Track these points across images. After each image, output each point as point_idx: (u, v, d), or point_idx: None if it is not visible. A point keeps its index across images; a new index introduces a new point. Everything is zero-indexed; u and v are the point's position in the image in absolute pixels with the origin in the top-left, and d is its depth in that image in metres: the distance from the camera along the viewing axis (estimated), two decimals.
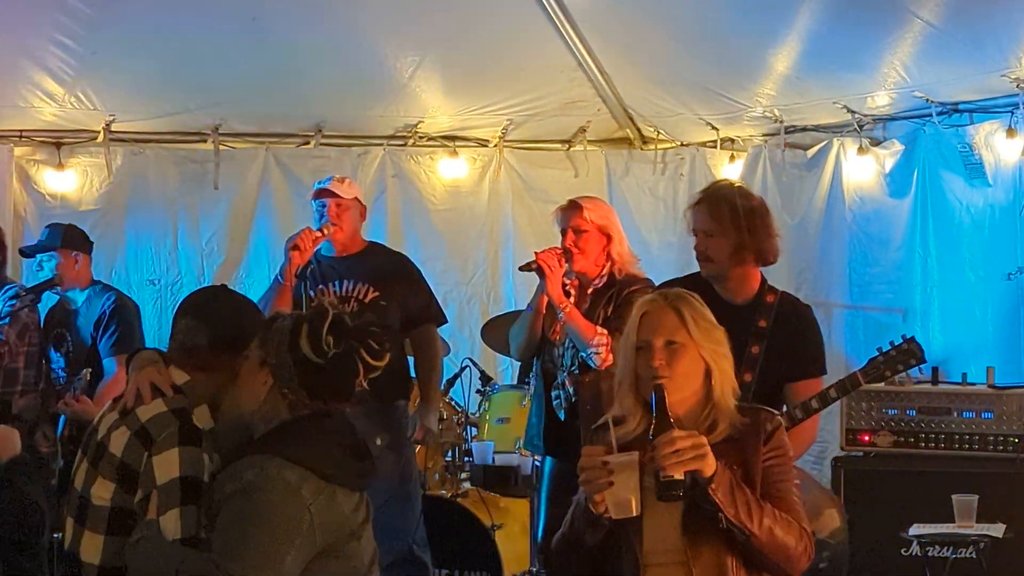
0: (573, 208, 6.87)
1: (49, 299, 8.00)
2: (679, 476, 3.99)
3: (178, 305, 4.68)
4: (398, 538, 7.14)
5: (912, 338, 5.73)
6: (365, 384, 4.23)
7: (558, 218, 6.91)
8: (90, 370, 7.39)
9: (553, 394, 6.81)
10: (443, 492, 8.21)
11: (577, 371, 6.70)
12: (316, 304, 4.42)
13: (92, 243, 8.03)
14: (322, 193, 7.29)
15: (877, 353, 5.76)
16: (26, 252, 7.99)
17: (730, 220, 5.94)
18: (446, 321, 7.58)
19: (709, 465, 4.01)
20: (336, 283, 7.25)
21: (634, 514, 4.06)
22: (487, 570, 7.94)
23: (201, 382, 4.39)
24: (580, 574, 4.37)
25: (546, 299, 6.70)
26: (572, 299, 6.75)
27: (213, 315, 4.48)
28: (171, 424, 4.25)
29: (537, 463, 7.38)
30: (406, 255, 7.72)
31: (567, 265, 6.73)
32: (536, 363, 6.98)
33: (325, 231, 7.13)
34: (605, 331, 6.52)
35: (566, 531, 4.34)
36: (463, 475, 8.65)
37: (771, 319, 5.89)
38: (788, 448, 4.25)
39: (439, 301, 7.62)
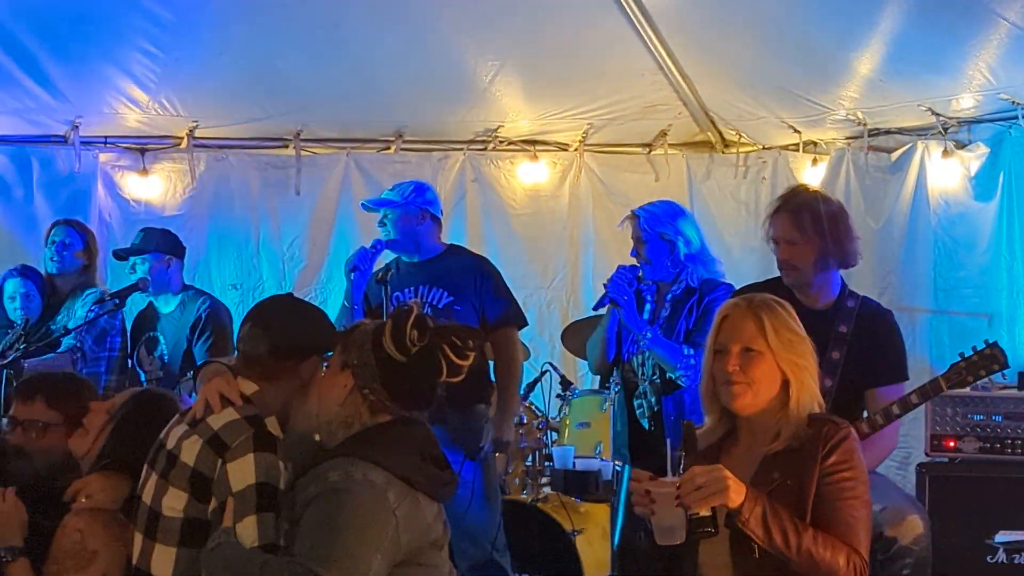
0: (631, 219, 6.90)
1: (136, 304, 8.05)
2: (705, 512, 4.00)
3: (246, 315, 4.67)
4: (478, 543, 7.15)
5: (995, 343, 5.66)
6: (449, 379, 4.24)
7: (624, 227, 6.96)
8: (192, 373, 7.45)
9: (636, 403, 6.81)
10: (524, 497, 8.19)
11: (658, 380, 6.70)
12: (400, 304, 4.43)
13: (184, 248, 8.09)
14: (375, 207, 7.46)
15: (959, 358, 5.70)
16: (120, 255, 8.03)
17: (813, 227, 5.91)
18: (526, 324, 7.55)
19: (733, 497, 3.99)
20: (411, 289, 7.28)
21: (677, 542, 4.04)
22: (567, 575, 7.92)
23: (269, 392, 4.40)
24: None
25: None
26: (652, 313, 6.76)
27: (275, 325, 4.49)
28: (245, 431, 4.27)
29: (618, 468, 7.35)
30: (486, 257, 7.71)
31: (640, 275, 6.75)
32: (616, 372, 6.98)
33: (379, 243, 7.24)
34: (691, 350, 6.51)
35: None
36: (543, 480, 8.64)
37: (852, 324, 5.85)
38: (854, 462, 4.16)
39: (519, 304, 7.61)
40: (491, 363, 7.47)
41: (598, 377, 7.82)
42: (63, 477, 4.96)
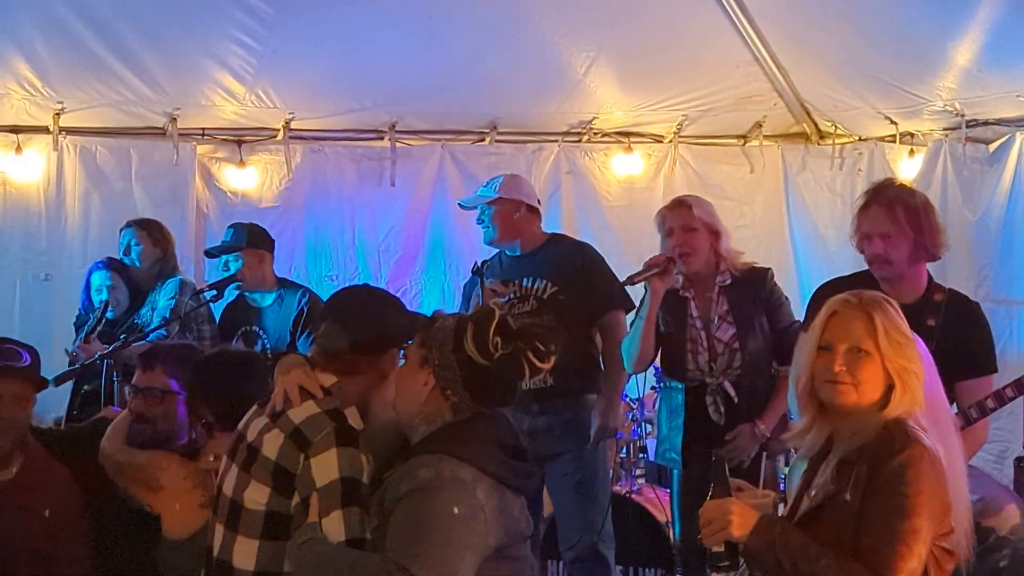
0: (681, 207, 6.83)
1: (225, 297, 8.11)
2: (717, 548, 4.00)
3: (322, 307, 4.67)
4: (583, 534, 7.16)
5: None
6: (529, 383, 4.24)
7: (663, 219, 6.84)
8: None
9: (708, 399, 6.76)
10: (618, 488, 8.20)
11: (739, 370, 6.66)
12: (483, 305, 4.41)
13: (274, 241, 8.14)
14: (471, 205, 7.49)
15: None
16: (212, 253, 8.09)
17: (907, 220, 5.87)
18: (634, 306, 7.49)
19: (736, 532, 3.96)
20: (516, 281, 7.30)
21: None
22: (661, 566, 7.93)
23: (348, 384, 4.40)
24: None
25: (657, 307, 6.67)
26: (690, 304, 6.74)
27: (353, 317, 4.47)
28: (326, 425, 4.26)
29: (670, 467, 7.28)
30: (588, 244, 7.67)
31: (679, 268, 6.69)
32: (661, 372, 6.93)
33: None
34: None
35: None
36: (637, 472, 8.65)
37: (940, 318, 5.79)
38: (908, 478, 3.87)
39: None
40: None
41: None
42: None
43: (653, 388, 8.75)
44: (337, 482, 4.17)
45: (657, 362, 6.97)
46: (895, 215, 5.87)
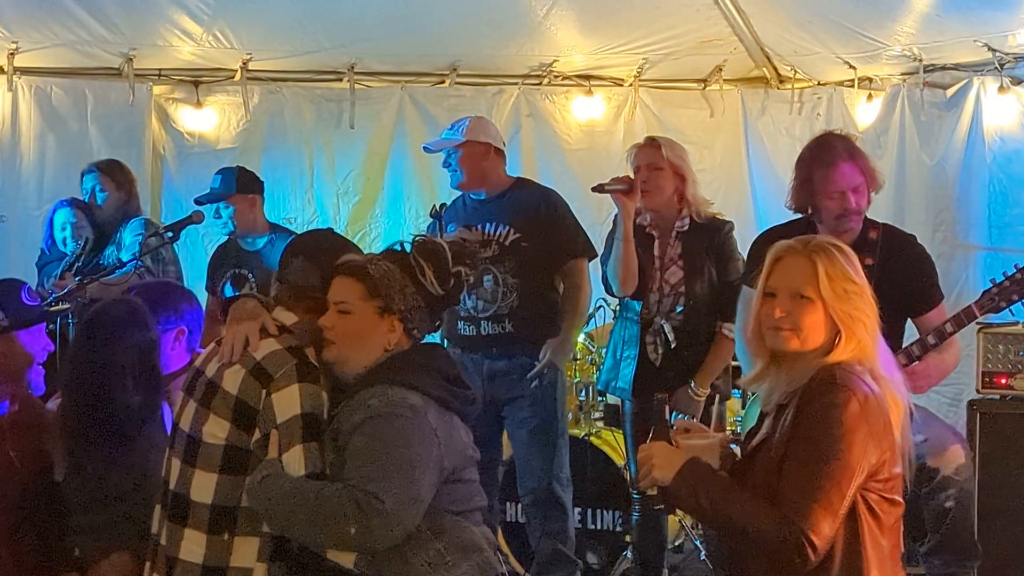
0: (651, 145, 6.89)
1: (215, 238, 8.06)
2: (651, 491, 4.06)
3: (287, 246, 4.70)
4: (541, 477, 7.20)
5: None
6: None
7: (632, 155, 6.94)
8: None
9: (648, 339, 6.83)
10: (576, 431, 8.22)
11: (681, 316, 6.73)
12: (424, 241, 4.43)
13: (263, 183, 8.10)
14: (437, 148, 7.47)
15: (991, 284, 5.73)
16: (203, 201, 8.01)
17: (867, 167, 5.93)
18: (596, 254, 7.49)
19: (658, 476, 3.99)
20: (479, 225, 7.28)
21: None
22: (619, 509, 7.97)
23: (309, 323, 4.41)
24: None
25: (631, 225, 6.73)
26: (660, 248, 6.79)
27: (325, 257, 4.48)
28: (288, 361, 4.29)
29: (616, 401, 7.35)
30: (553, 190, 7.66)
31: (640, 202, 6.75)
32: (637, 304, 6.96)
33: None
34: None
35: None
36: (596, 415, 8.68)
37: (877, 255, 5.82)
38: (826, 424, 3.83)
39: None
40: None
41: None
42: None
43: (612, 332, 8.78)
44: (299, 417, 4.20)
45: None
46: (861, 165, 5.93)
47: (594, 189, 6.81)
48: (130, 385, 4.96)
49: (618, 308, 7.30)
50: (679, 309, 6.81)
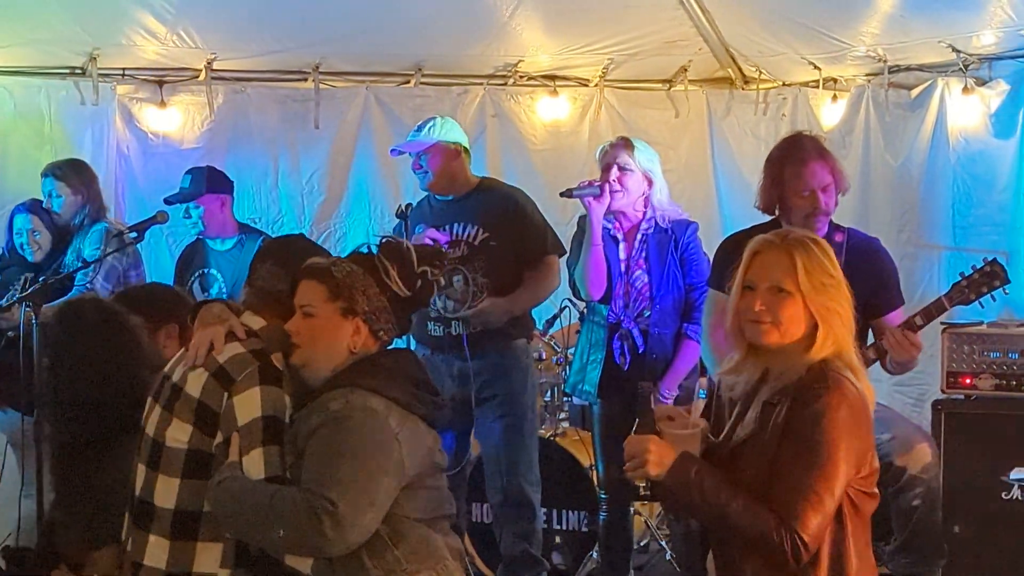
0: (623, 146, 6.90)
1: (179, 237, 8.01)
2: (639, 483, 4.07)
3: (256, 251, 4.70)
4: (510, 477, 7.21)
5: (995, 259, 5.77)
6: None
7: (602, 154, 6.97)
8: None
9: (616, 343, 6.86)
10: (542, 432, 8.23)
11: (650, 321, 6.75)
12: (388, 242, 4.43)
13: (233, 183, 8.08)
14: (407, 150, 7.46)
15: (960, 277, 5.77)
16: (173, 200, 7.97)
17: (837, 168, 5.97)
18: (565, 251, 7.48)
19: (652, 470, 4.00)
20: (448, 226, 7.28)
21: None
22: (585, 509, 7.97)
23: (277, 328, 4.40)
24: None
25: (600, 229, 6.76)
26: (619, 246, 6.81)
27: (295, 263, 4.47)
28: (250, 364, 4.29)
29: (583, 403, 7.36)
30: (519, 189, 7.69)
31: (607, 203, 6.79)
32: (604, 308, 6.97)
33: None
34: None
35: None
36: (562, 415, 8.68)
37: (842, 258, 5.86)
38: (827, 429, 3.89)
39: None
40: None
41: None
42: None
43: (578, 332, 8.76)
44: (259, 420, 4.20)
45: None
46: (831, 165, 5.96)
47: (562, 194, 6.85)
48: (122, 371, 4.96)
49: (585, 311, 7.31)
50: (647, 313, 6.84)
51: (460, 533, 6.14)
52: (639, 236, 6.91)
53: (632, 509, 7.50)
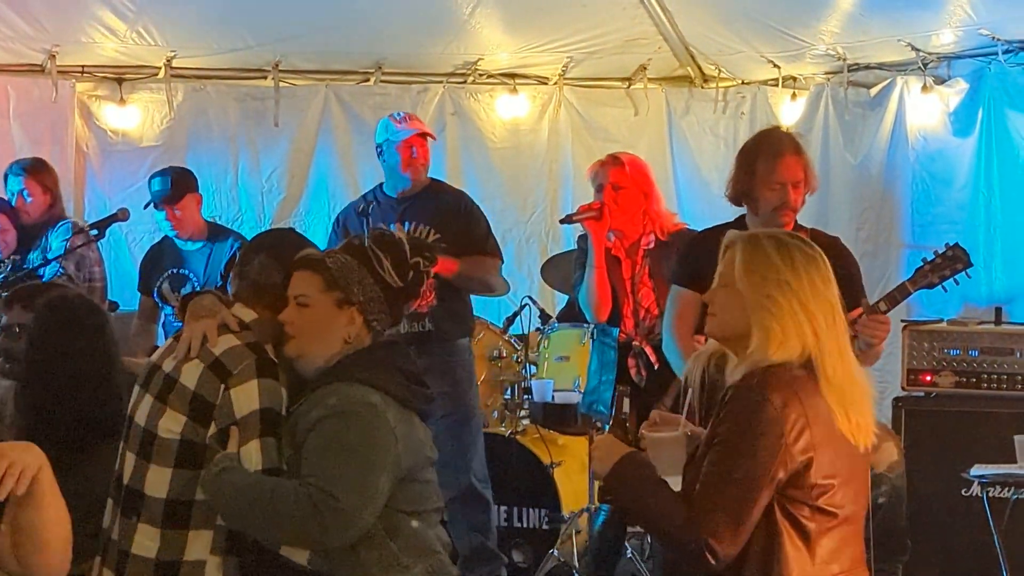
0: (614, 163, 6.88)
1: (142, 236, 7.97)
2: (601, 483, 4.05)
3: (247, 244, 4.70)
4: (459, 474, 7.21)
5: (956, 244, 5.75)
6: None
7: (595, 174, 6.92)
8: None
9: (631, 361, 6.84)
10: (502, 430, 8.23)
11: (660, 336, 6.73)
12: (381, 233, 4.46)
13: (197, 180, 8.07)
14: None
15: (922, 263, 5.78)
16: (157, 204, 7.86)
17: (809, 165, 5.99)
18: (502, 260, 7.53)
19: (596, 469, 3.99)
20: (394, 225, 7.27)
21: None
22: (546, 507, 7.98)
23: (268, 321, 4.42)
24: None
25: (603, 251, 6.75)
26: (621, 264, 6.81)
27: (288, 255, 4.48)
28: (247, 356, 4.31)
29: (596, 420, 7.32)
30: (466, 192, 7.75)
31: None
32: (614, 330, 6.97)
33: None
34: None
35: None
36: (522, 413, 8.68)
37: None
38: (732, 424, 3.71)
39: (498, 239, 7.64)
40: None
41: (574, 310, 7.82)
42: None
43: (537, 329, 8.78)
44: (257, 412, 4.23)
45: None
46: (804, 162, 5.97)
47: (563, 221, 6.88)
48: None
49: (595, 332, 7.24)
50: (657, 330, 6.76)
51: None
52: (640, 252, 6.90)
53: None
